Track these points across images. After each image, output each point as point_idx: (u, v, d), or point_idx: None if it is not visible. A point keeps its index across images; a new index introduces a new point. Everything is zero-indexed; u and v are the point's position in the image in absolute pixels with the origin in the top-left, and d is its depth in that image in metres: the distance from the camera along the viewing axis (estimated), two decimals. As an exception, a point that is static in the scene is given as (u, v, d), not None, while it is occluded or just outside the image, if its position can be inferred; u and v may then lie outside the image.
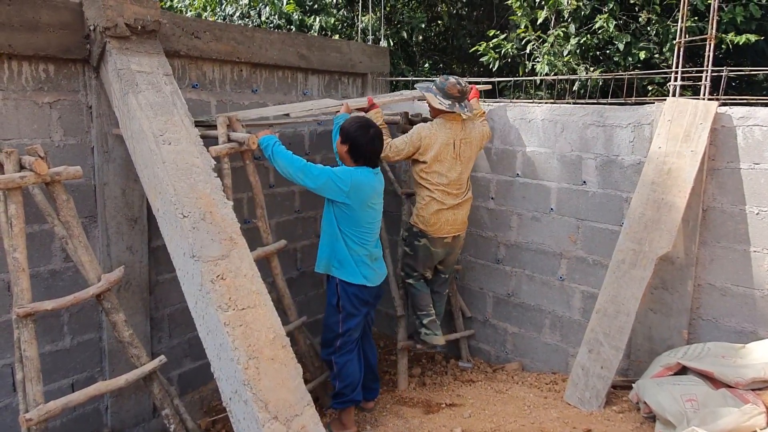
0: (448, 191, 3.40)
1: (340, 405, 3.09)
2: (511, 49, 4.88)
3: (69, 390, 2.80)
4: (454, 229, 3.49)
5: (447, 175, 3.38)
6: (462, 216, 3.51)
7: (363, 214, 2.97)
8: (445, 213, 3.42)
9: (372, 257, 3.06)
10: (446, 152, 3.35)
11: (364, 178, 2.95)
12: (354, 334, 3.07)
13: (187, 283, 2.33)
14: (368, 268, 3.03)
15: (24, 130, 2.59)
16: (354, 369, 3.08)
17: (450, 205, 3.42)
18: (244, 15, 6.43)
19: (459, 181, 3.42)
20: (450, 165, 3.37)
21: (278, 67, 3.74)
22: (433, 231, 3.44)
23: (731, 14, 4.04)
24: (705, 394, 2.74)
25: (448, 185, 3.39)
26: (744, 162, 2.97)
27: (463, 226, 3.56)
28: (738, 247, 3.03)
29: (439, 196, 3.39)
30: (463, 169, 3.43)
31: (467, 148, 3.42)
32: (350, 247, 2.98)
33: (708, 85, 3.21)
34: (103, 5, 2.57)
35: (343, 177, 2.88)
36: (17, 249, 2.27)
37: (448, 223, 3.45)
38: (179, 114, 2.65)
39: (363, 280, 3.01)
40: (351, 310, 3.02)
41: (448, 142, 3.35)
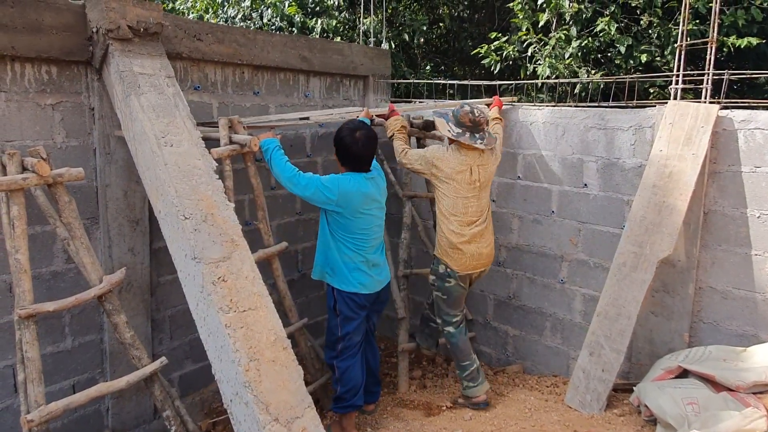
0: (467, 221, 3.24)
1: (340, 410, 3.07)
2: (513, 51, 4.88)
3: (70, 391, 2.80)
4: (480, 264, 3.32)
5: (465, 203, 3.22)
6: (487, 249, 3.32)
7: (356, 221, 2.92)
8: (467, 246, 3.24)
9: (369, 263, 3.01)
10: (461, 178, 3.21)
11: (353, 185, 2.89)
12: (354, 337, 3.05)
13: (188, 284, 2.34)
14: (364, 275, 2.99)
15: (26, 132, 2.60)
16: (356, 374, 3.06)
17: (470, 236, 3.24)
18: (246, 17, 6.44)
19: (479, 209, 3.27)
20: (466, 191, 3.22)
21: (280, 70, 3.75)
22: (459, 267, 3.26)
23: (732, 17, 4.04)
24: (706, 398, 2.73)
25: (466, 214, 3.23)
26: (745, 165, 2.97)
27: (489, 261, 3.37)
28: (739, 251, 3.02)
29: (457, 228, 3.24)
30: (478, 196, 3.27)
31: (485, 173, 3.28)
32: (344, 254, 2.95)
33: (709, 89, 3.21)
34: (106, 7, 2.58)
35: (330, 186, 2.84)
36: (19, 250, 2.28)
37: (474, 258, 3.27)
38: (181, 116, 2.65)
39: (358, 287, 2.98)
40: (348, 314, 3.00)
41: (462, 169, 3.21)
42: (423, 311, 3.80)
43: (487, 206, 3.34)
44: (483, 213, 3.30)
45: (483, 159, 3.27)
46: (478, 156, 3.24)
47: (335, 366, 3.05)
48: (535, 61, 4.75)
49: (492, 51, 5.02)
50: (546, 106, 3.74)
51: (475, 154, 3.23)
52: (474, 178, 3.23)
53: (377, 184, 3.03)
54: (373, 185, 2.99)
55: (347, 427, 3.12)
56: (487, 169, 3.30)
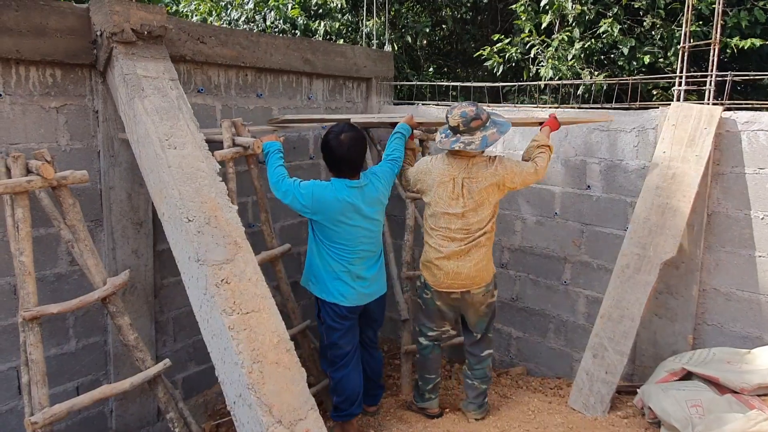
0: (449, 236, 2.94)
1: (338, 418, 3.06)
2: (516, 53, 4.88)
3: (74, 393, 2.81)
4: (457, 284, 2.97)
5: (446, 219, 2.93)
6: (468, 268, 2.93)
7: (336, 230, 2.82)
8: (444, 263, 2.95)
9: (353, 275, 2.89)
10: (443, 191, 2.93)
11: (330, 192, 2.77)
12: (344, 347, 2.97)
13: (191, 286, 2.34)
14: (345, 286, 2.89)
15: (31, 135, 2.61)
16: (352, 383, 2.99)
17: (448, 253, 2.93)
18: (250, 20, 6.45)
19: (466, 225, 2.91)
20: (447, 205, 2.92)
21: (283, 72, 3.75)
22: (434, 283, 3.02)
23: (736, 18, 4.03)
24: (710, 400, 2.72)
25: (449, 230, 2.93)
26: (749, 167, 2.96)
27: (473, 282, 2.96)
28: (743, 252, 3.01)
29: (436, 243, 2.97)
30: (467, 211, 2.90)
31: (475, 189, 2.88)
32: (326, 262, 2.89)
33: (712, 90, 3.20)
34: (110, 11, 2.59)
35: (305, 192, 2.78)
36: (24, 252, 2.29)
37: (449, 276, 2.95)
38: (185, 118, 2.66)
39: (339, 297, 2.89)
40: (330, 323, 2.95)
41: (443, 180, 2.92)
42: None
43: (478, 229, 2.92)
44: (471, 234, 2.92)
45: (473, 172, 2.89)
46: (465, 167, 2.90)
47: (329, 375, 3.04)
48: (538, 63, 4.75)
49: (495, 53, 5.02)
50: (549, 107, 3.74)
51: (462, 164, 2.90)
52: (457, 193, 2.89)
53: (365, 193, 2.86)
54: (358, 194, 2.83)
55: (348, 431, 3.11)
56: (478, 184, 2.87)
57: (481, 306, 3.07)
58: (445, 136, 2.93)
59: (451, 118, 2.87)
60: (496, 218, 3.02)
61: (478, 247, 2.95)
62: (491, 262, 3.06)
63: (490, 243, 3.02)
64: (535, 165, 2.96)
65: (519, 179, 2.93)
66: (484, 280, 3.01)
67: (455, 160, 2.94)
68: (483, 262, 2.97)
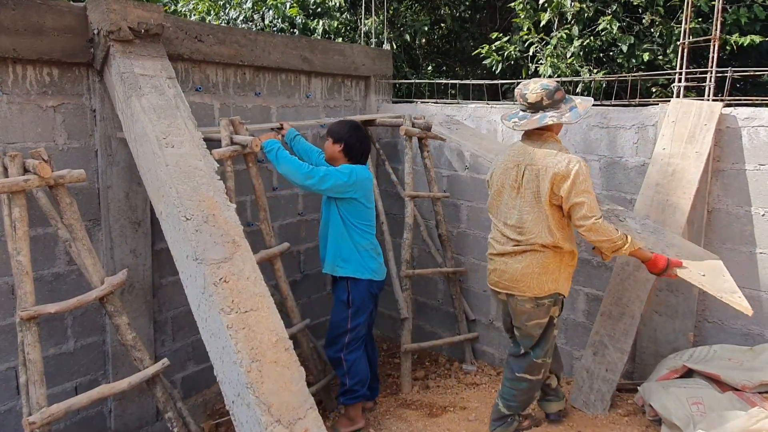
0: (502, 232, 2.76)
1: (351, 401, 3.13)
2: (514, 51, 4.87)
3: (72, 393, 2.80)
4: (501, 285, 2.77)
5: (503, 210, 2.75)
6: (514, 269, 2.69)
7: (369, 207, 3.11)
8: (494, 260, 2.80)
9: (377, 252, 3.18)
10: (505, 179, 2.73)
11: (363, 172, 3.08)
12: (362, 330, 3.14)
13: (190, 285, 2.33)
14: (374, 262, 3.14)
15: (28, 134, 2.60)
16: (364, 365, 3.17)
17: (499, 252, 2.76)
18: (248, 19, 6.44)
19: (519, 222, 2.67)
20: (508, 197, 2.72)
21: (281, 70, 3.74)
22: (488, 277, 2.89)
23: (735, 15, 4.02)
24: (711, 398, 2.71)
25: (505, 225, 2.74)
26: (749, 163, 2.95)
27: (516, 285, 2.70)
28: (744, 249, 3.00)
29: (493, 236, 2.83)
30: (523, 205, 2.66)
31: (532, 178, 2.62)
32: (357, 243, 3.08)
33: (712, 86, 3.19)
34: (107, 9, 2.58)
35: (344, 170, 2.99)
36: (21, 252, 2.28)
37: (496, 274, 2.80)
38: (182, 117, 2.65)
39: (372, 273, 3.11)
40: (360, 305, 3.10)
41: (507, 166, 2.71)
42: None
43: (539, 226, 2.63)
44: (525, 230, 2.65)
45: (532, 156, 2.64)
46: (529, 154, 2.66)
47: (343, 359, 3.11)
48: (537, 61, 4.73)
49: (493, 51, 5.01)
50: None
51: (526, 150, 2.68)
52: (518, 181, 2.67)
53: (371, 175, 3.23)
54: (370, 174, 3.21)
55: (356, 417, 3.18)
56: (536, 172, 2.60)
57: (527, 320, 2.75)
58: (521, 117, 2.69)
59: (529, 94, 2.63)
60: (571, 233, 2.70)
61: (534, 252, 2.66)
62: (552, 276, 2.68)
63: (556, 257, 2.67)
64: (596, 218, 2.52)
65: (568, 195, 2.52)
66: (531, 289, 2.67)
67: (523, 145, 2.72)
68: (537, 269, 2.66)
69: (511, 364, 2.91)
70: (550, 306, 2.74)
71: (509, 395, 2.90)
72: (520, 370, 2.85)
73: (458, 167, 4.07)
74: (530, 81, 2.69)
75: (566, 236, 2.69)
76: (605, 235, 2.55)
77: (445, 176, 4.15)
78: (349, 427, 3.16)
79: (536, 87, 2.63)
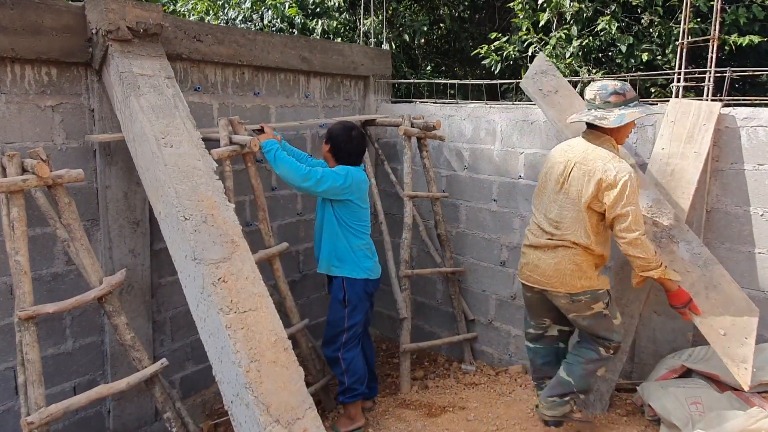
0: (539, 224, 2.74)
1: (350, 399, 3.15)
2: (513, 51, 4.87)
3: (71, 393, 2.79)
4: (534, 278, 2.74)
5: (545, 202, 2.74)
6: (545, 266, 2.67)
7: (364, 208, 3.13)
8: (527, 252, 2.78)
9: (371, 251, 3.21)
10: (552, 172, 2.71)
11: (358, 174, 3.09)
12: (359, 329, 3.17)
13: (188, 285, 2.33)
14: (370, 261, 3.18)
15: (26, 134, 2.60)
16: (361, 363, 3.21)
17: (533, 243, 2.74)
18: (247, 19, 6.44)
19: (558, 217, 2.66)
20: (551, 191, 2.70)
21: (280, 70, 3.74)
22: (519, 271, 2.87)
23: (734, 15, 4.03)
24: (710, 397, 2.72)
25: (544, 217, 2.72)
26: (748, 163, 2.95)
27: (548, 282, 2.69)
28: (743, 249, 3.01)
29: (530, 227, 2.81)
30: (565, 202, 2.64)
31: (579, 177, 2.59)
32: (352, 243, 3.10)
33: (711, 86, 3.19)
34: (106, 9, 2.57)
35: (341, 173, 3.01)
36: (19, 252, 2.27)
37: (528, 268, 2.77)
38: (181, 117, 2.65)
39: (368, 272, 3.15)
40: (357, 303, 3.12)
41: (557, 160, 2.69)
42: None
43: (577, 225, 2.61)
44: (562, 226, 2.65)
45: (585, 155, 2.61)
46: (581, 152, 2.64)
47: (341, 358, 3.12)
48: (536, 61, 4.73)
49: (492, 51, 5.01)
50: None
51: (580, 148, 2.65)
52: (564, 177, 2.64)
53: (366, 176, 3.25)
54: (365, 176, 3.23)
55: (355, 415, 3.19)
56: (585, 171, 2.57)
57: (568, 312, 2.75)
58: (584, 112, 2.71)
59: (588, 91, 2.67)
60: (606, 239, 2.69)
61: (566, 249, 2.64)
62: (585, 274, 2.64)
63: (586, 255, 2.64)
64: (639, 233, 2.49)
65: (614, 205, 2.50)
66: (564, 285, 2.65)
67: (579, 141, 2.70)
68: (569, 266, 2.62)
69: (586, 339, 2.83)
70: (589, 302, 2.67)
71: (573, 360, 2.81)
72: (586, 346, 2.81)
73: (457, 167, 4.07)
74: (602, 81, 2.70)
75: (600, 241, 2.66)
76: (644, 252, 2.53)
77: (444, 176, 4.15)
78: (349, 426, 3.17)
79: (596, 85, 2.68)
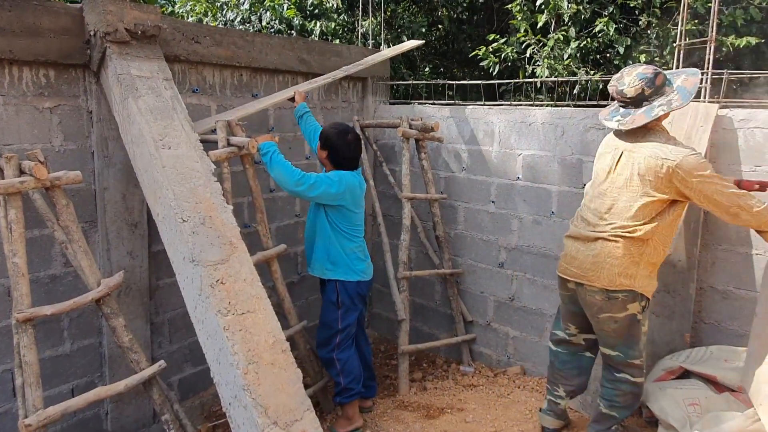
0: (583, 216, 2.61)
1: (347, 399, 3.15)
2: (511, 53, 4.88)
3: (69, 395, 2.79)
4: (571, 271, 2.60)
5: (591, 195, 2.62)
6: (584, 258, 2.54)
7: (356, 212, 3.13)
8: (569, 243, 2.65)
9: (364, 253, 3.22)
10: (602, 162, 2.60)
11: (352, 179, 3.07)
12: (352, 330, 3.19)
13: (186, 287, 2.33)
14: (362, 263, 3.18)
15: (24, 135, 2.60)
16: (356, 363, 3.20)
17: (572, 234, 2.63)
18: (245, 20, 6.44)
19: (602, 207, 2.53)
20: (599, 182, 2.59)
21: (279, 72, 3.74)
22: (558, 265, 2.73)
23: (731, 17, 4.04)
24: (708, 398, 2.72)
25: (587, 208, 2.61)
26: (745, 164, 2.96)
27: (585, 274, 2.54)
28: (740, 250, 3.01)
29: (573, 219, 2.71)
30: (610, 190, 2.51)
31: (628, 164, 2.46)
32: (345, 246, 3.11)
33: (708, 88, 3.20)
34: (104, 10, 2.57)
35: (334, 179, 2.98)
36: (17, 254, 2.27)
37: (566, 259, 2.65)
38: (179, 118, 2.65)
39: (361, 274, 3.16)
40: (350, 305, 3.13)
41: (606, 151, 2.59)
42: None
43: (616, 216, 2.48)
44: (607, 216, 2.50)
45: (638, 145, 2.45)
46: (632, 138, 2.49)
47: (335, 359, 3.13)
48: (534, 63, 4.75)
49: (491, 53, 5.02)
50: (545, 106, 3.74)
51: (629, 136, 2.51)
52: (611, 165, 2.51)
53: (362, 180, 3.23)
54: (362, 181, 3.22)
55: (353, 415, 3.19)
56: (634, 160, 2.43)
57: (599, 313, 2.56)
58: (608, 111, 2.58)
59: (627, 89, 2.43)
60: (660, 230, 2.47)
61: (606, 241, 2.48)
62: (627, 271, 2.47)
63: (632, 250, 2.46)
64: (756, 208, 2.32)
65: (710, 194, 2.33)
66: (601, 279, 2.49)
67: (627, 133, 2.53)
68: (609, 260, 2.47)
69: (609, 365, 2.70)
70: (625, 302, 2.50)
71: (610, 395, 2.70)
72: (619, 370, 2.66)
73: (455, 169, 4.08)
74: (624, 72, 2.45)
75: (656, 230, 2.45)
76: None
77: (443, 178, 4.16)
78: (348, 426, 3.17)
79: (633, 79, 2.41)
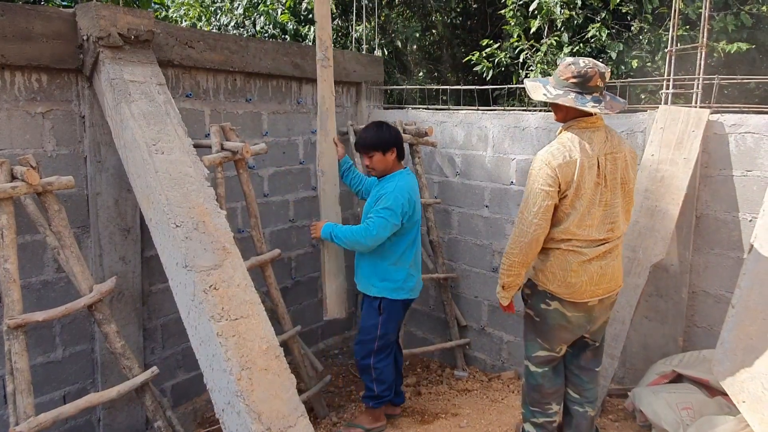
0: (587, 238, 2.34)
1: (378, 404, 3.15)
2: (505, 58, 4.91)
3: (61, 402, 2.77)
4: (602, 289, 2.39)
5: (589, 212, 2.31)
6: (614, 269, 2.41)
7: (414, 218, 2.99)
8: (587, 267, 2.35)
9: (416, 267, 3.11)
10: (589, 178, 2.27)
11: (410, 182, 2.99)
12: (392, 336, 3.12)
13: (179, 293, 2.32)
14: (413, 279, 3.08)
15: (16, 140, 2.58)
16: (391, 372, 3.16)
17: (594, 255, 2.34)
18: (239, 25, 6.45)
19: (609, 218, 2.35)
20: (592, 196, 2.29)
21: (272, 77, 3.74)
22: (568, 294, 2.39)
23: (723, 23, 4.08)
24: (701, 402, 2.73)
25: (591, 228, 2.33)
26: (736, 169, 2.98)
27: (617, 283, 2.46)
28: (732, 254, 3.03)
29: (577, 245, 2.34)
30: (612, 197, 2.34)
31: (614, 165, 2.33)
32: (402, 260, 3.00)
33: (700, 93, 3.23)
34: (97, 15, 2.57)
35: (402, 201, 2.86)
36: (8, 259, 2.25)
37: (592, 282, 2.36)
38: (172, 123, 2.65)
39: (410, 293, 3.07)
40: (392, 313, 3.07)
41: (591, 164, 2.27)
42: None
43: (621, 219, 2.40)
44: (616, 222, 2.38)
45: (610, 144, 2.33)
46: (604, 140, 2.31)
47: (372, 366, 3.09)
48: (527, 68, 4.77)
49: (484, 58, 5.04)
50: (538, 111, 3.75)
51: (600, 137, 2.31)
52: (602, 174, 2.30)
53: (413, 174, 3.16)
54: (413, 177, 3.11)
55: (380, 416, 3.21)
56: (617, 159, 2.33)
57: (610, 310, 2.60)
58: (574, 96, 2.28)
59: (562, 71, 2.30)
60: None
61: (617, 246, 2.44)
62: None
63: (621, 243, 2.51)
64: None
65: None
66: (620, 283, 2.52)
67: (595, 133, 2.32)
68: (620, 258, 2.49)
69: (587, 366, 2.65)
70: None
71: (595, 396, 2.69)
72: (598, 363, 2.68)
73: (449, 173, 4.09)
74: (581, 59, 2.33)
75: None
76: None
77: (437, 182, 4.16)
78: (373, 423, 3.18)
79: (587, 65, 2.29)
